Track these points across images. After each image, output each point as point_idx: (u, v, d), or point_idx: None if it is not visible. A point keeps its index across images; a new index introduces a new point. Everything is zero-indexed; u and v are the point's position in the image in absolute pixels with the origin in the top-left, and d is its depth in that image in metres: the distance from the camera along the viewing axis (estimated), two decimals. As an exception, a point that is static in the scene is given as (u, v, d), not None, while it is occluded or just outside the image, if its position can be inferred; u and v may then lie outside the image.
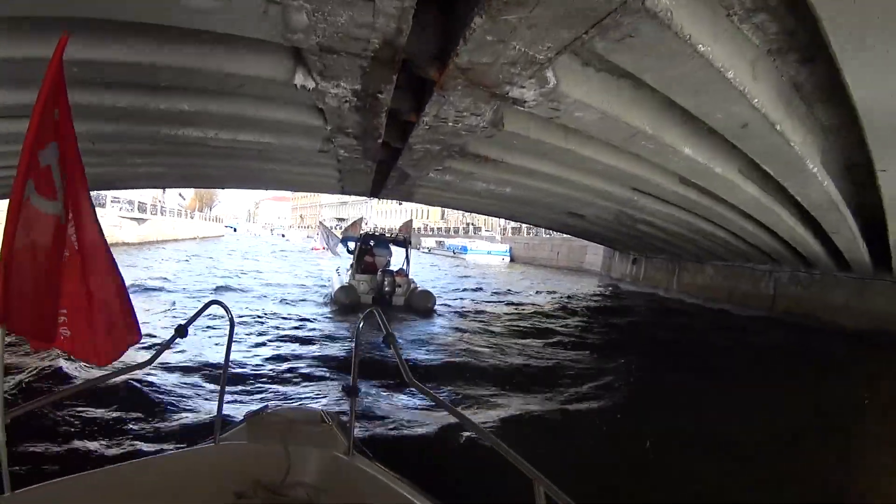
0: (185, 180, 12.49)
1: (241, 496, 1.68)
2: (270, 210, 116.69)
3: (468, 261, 38.03)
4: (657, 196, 8.62)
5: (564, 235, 36.50)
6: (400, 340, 2.30)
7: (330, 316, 10.45)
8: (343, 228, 14.76)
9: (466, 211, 18.94)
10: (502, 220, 55.11)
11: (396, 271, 11.92)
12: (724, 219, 9.41)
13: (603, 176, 7.39)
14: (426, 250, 48.91)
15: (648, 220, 11.41)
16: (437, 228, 64.07)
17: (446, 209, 67.61)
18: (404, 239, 12.80)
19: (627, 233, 14.06)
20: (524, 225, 47.39)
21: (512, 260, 40.78)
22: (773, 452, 4.20)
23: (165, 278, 14.76)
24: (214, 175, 10.44)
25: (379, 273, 11.48)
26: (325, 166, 8.08)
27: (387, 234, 13.55)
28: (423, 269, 25.03)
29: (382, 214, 77.09)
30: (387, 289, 11.13)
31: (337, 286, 11.83)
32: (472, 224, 59.84)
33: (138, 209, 32.80)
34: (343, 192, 12.51)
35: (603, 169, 6.69)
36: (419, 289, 11.95)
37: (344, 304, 10.91)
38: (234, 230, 77.29)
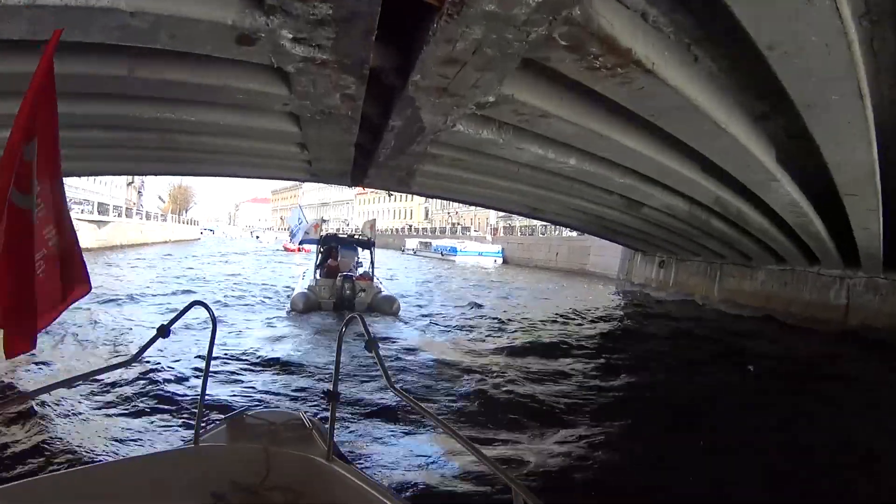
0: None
1: (218, 498, 1.60)
2: (250, 212, 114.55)
3: (458, 263, 35.04)
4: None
5: (565, 234, 33.39)
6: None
7: (312, 320, 9.94)
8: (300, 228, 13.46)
9: (479, 205, 15.24)
10: (492, 220, 52.06)
11: (360, 275, 11.58)
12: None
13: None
14: (411, 252, 46.05)
15: (743, 216, 8.10)
16: (423, 229, 60.78)
17: (430, 210, 64.34)
18: (368, 240, 12.49)
19: (685, 231, 10.78)
20: (518, 224, 44.27)
21: (505, 262, 37.78)
22: None
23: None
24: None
25: (338, 278, 10.98)
26: (269, 108, 4.39)
27: (355, 235, 13.19)
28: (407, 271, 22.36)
29: (366, 216, 74.15)
30: (347, 293, 10.70)
31: (296, 291, 11.36)
32: (460, 224, 56.78)
33: (98, 211, 29.85)
34: (312, 175, 8.97)
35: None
36: (382, 294, 11.43)
37: (300, 311, 10.40)
38: (213, 232, 76.15)
